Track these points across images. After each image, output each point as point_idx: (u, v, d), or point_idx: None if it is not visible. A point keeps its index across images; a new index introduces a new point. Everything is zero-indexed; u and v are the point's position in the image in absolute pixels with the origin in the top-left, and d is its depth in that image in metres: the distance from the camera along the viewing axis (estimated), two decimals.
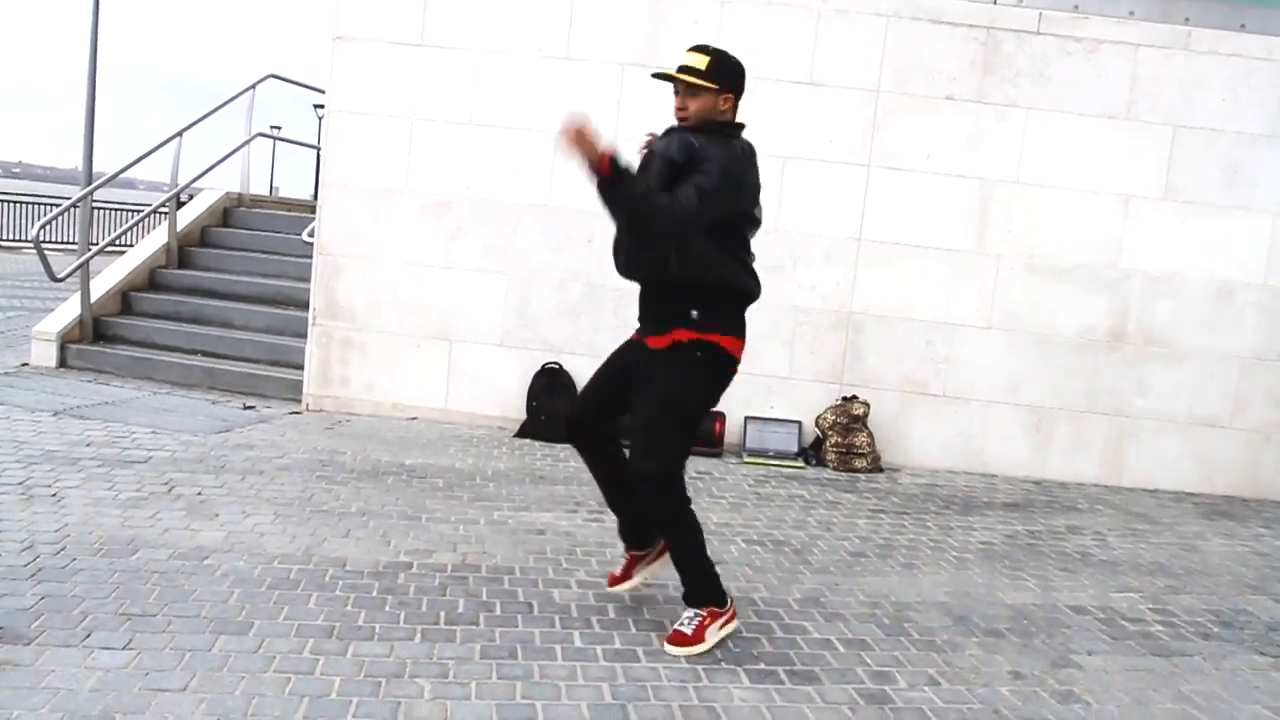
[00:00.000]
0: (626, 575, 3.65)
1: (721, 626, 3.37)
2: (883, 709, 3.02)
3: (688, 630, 3.31)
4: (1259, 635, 3.98)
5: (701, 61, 3.20)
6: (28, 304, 10.56)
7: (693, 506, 3.41)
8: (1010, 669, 3.41)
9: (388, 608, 3.44)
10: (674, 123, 3.30)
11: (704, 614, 3.34)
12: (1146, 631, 3.91)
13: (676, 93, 3.25)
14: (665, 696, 2.97)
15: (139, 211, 11.65)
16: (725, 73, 3.22)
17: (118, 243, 10.58)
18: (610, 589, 3.66)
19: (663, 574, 3.64)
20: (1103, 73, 6.28)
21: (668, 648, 3.28)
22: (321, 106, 6.82)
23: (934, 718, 3.00)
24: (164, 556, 3.72)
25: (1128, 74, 6.27)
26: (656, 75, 3.28)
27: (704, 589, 3.38)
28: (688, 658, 3.23)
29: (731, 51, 3.28)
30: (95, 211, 18.54)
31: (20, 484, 4.43)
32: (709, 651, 3.29)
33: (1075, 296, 6.40)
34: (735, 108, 3.28)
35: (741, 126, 3.31)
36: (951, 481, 6.24)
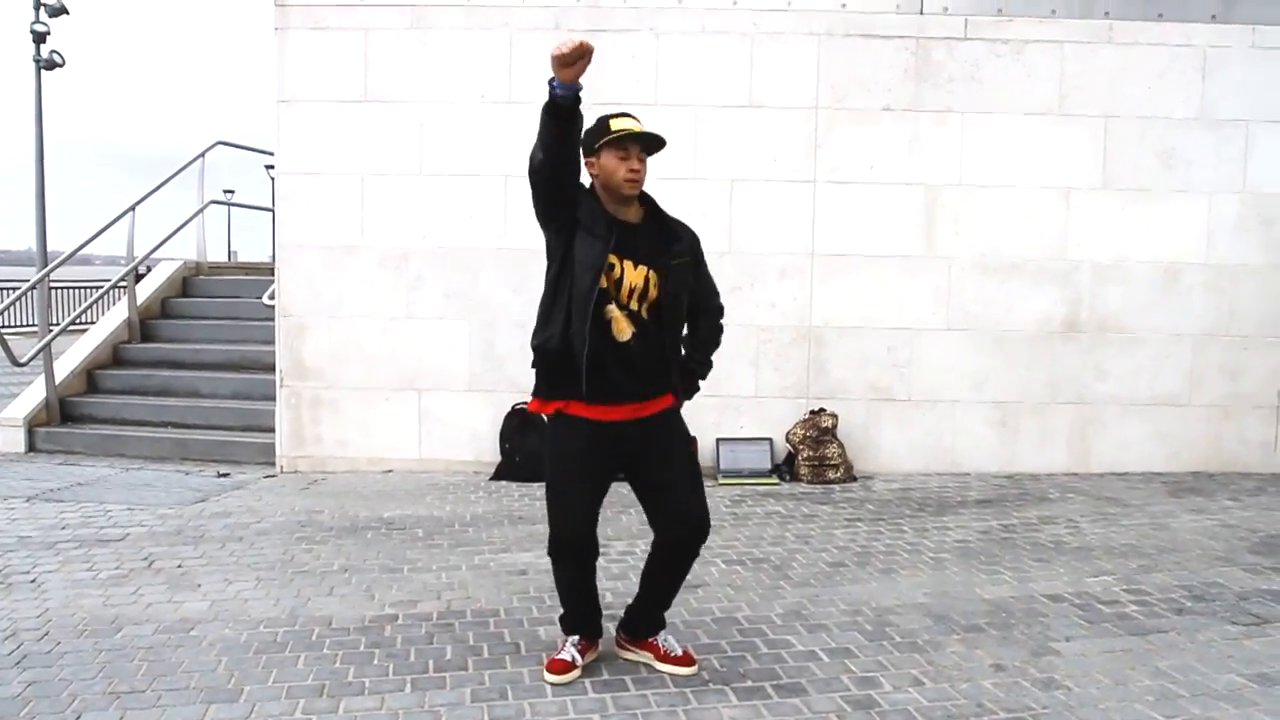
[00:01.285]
0: (576, 665, 3.38)
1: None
2: (869, 714, 3.09)
3: (683, 650, 3.43)
4: (1230, 605, 4.09)
5: (641, 127, 3.18)
6: None
7: None
8: (992, 662, 3.49)
9: (376, 661, 3.48)
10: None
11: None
12: (1122, 613, 4.00)
13: (625, 157, 3.15)
14: None
15: (97, 287, 11.63)
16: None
17: (78, 321, 10.52)
18: (556, 678, 3.32)
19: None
20: (1032, 72, 6.46)
21: (680, 669, 3.36)
22: (273, 167, 6.87)
23: (920, 718, 3.07)
24: (149, 632, 3.73)
25: (1056, 71, 6.46)
26: (640, 135, 3.16)
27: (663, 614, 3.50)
28: (674, 679, 3.29)
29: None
30: (53, 291, 18.42)
31: None
32: (696, 674, 3.35)
33: (1027, 291, 6.55)
34: None
35: None
36: (925, 484, 6.34)
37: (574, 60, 2.96)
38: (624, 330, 3.14)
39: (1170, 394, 6.62)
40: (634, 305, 3.17)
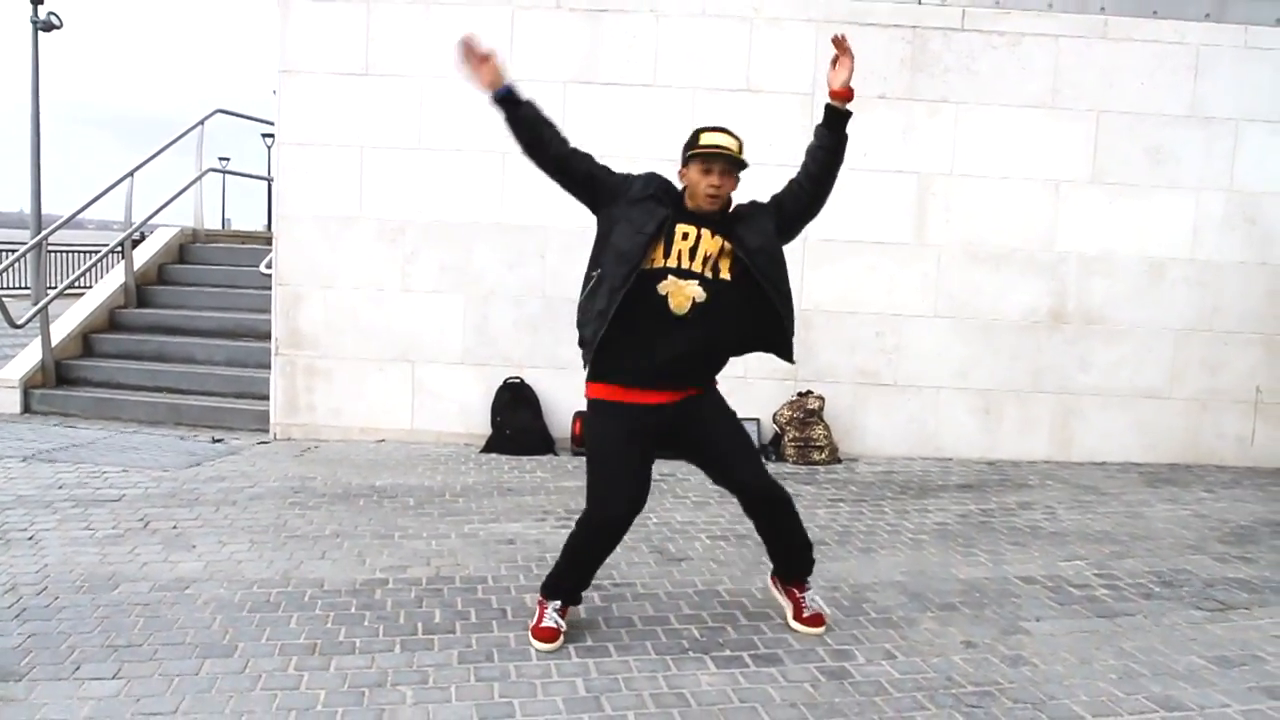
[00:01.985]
0: (562, 630, 3.46)
1: None
2: (842, 684, 3.21)
3: (820, 611, 3.66)
4: (1197, 592, 4.21)
5: (735, 145, 3.31)
6: None
7: (656, 509, 3.59)
8: (963, 639, 3.61)
9: (366, 622, 3.58)
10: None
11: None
12: (1092, 596, 4.13)
13: (708, 171, 3.28)
14: (636, 686, 3.14)
15: (92, 252, 11.65)
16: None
17: (74, 285, 10.59)
18: (545, 645, 3.39)
19: (631, 574, 3.80)
20: (1027, 64, 6.54)
21: (808, 629, 3.59)
22: (270, 136, 6.93)
23: (891, 689, 3.19)
24: (145, 589, 3.83)
25: (1050, 64, 6.54)
26: (715, 148, 3.30)
27: (809, 558, 3.67)
28: (655, 646, 3.41)
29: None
30: (48, 255, 18.41)
31: None
32: (676, 641, 3.47)
33: (1015, 281, 6.65)
34: None
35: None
36: (908, 468, 6.46)
37: (475, 63, 3.27)
38: (683, 304, 3.24)
39: (1151, 386, 6.74)
40: (707, 273, 3.28)
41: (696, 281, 3.26)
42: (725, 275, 3.31)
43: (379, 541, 4.54)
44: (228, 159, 26.99)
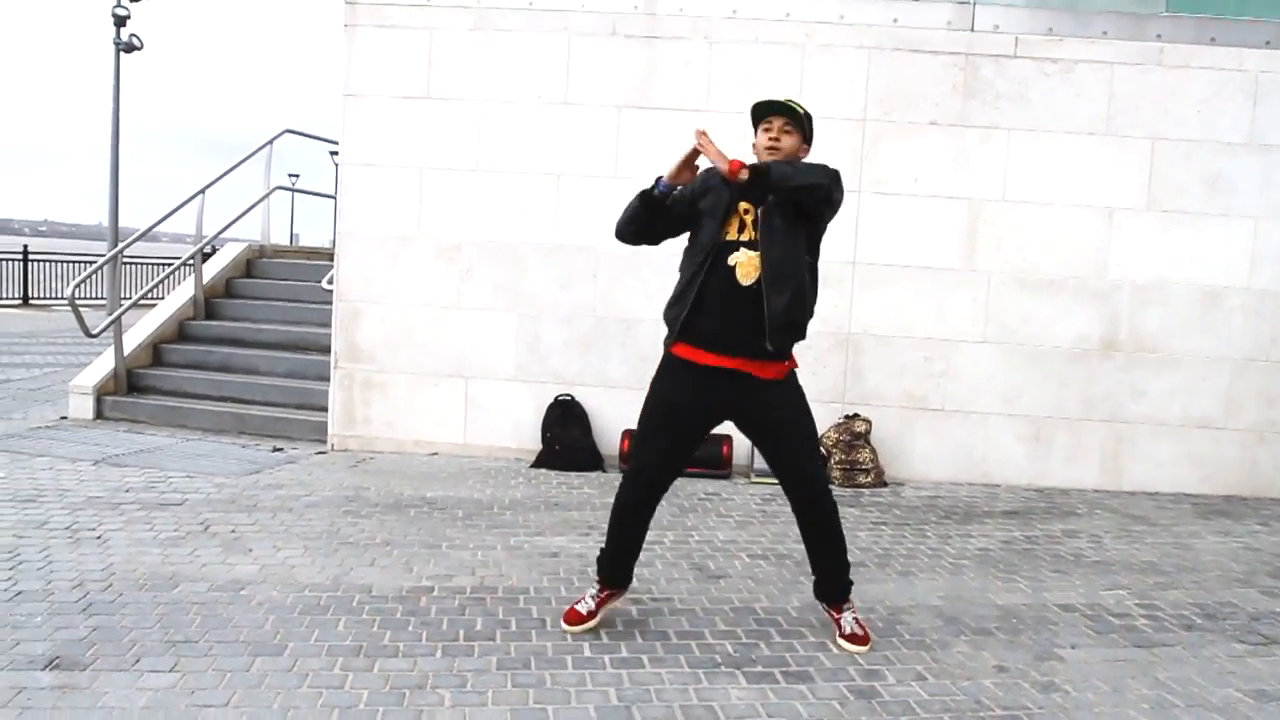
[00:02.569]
0: (594, 615, 3.76)
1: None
2: (870, 703, 3.26)
3: (861, 630, 3.74)
4: (1241, 625, 4.18)
5: (800, 107, 3.62)
6: (62, 359, 10.99)
7: (700, 528, 3.72)
8: (995, 663, 3.64)
9: (411, 628, 3.72)
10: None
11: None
12: (1131, 625, 4.12)
13: (768, 129, 3.58)
14: (667, 698, 3.23)
15: (164, 265, 12.07)
16: (811, 126, 3.69)
17: (147, 297, 10.99)
18: (573, 627, 3.72)
19: (669, 589, 3.90)
20: (1080, 91, 6.54)
21: (850, 645, 3.68)
22: (337, 153, 7.18)
23: (919, 710, 3.23)
24: (203, 589, 4.02)
25: (1105, 91, 6.53)
26: (764, 104, 3.61)
27: (847, 578, 3.81)
28: (689, 659, 3.49)
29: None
30: (123, 266, 19.08)
31: (67, 528, 4.75)
32: (709, 656, 3.55)
33: (1066, 308, 6.63)
34: None
35: None
36: (954, 493, 6.46)
37: (688, 163, 3.48)
38: (750, 274, 3.46)
39: (1205, 416, 6.66)
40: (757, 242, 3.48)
41: (747, 247, 3.49)
42: (773, 220, 3.50)
43: (427, 551, 4.69)
44: (297, 176, 27.72)
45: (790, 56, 6.62)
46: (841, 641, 3.70)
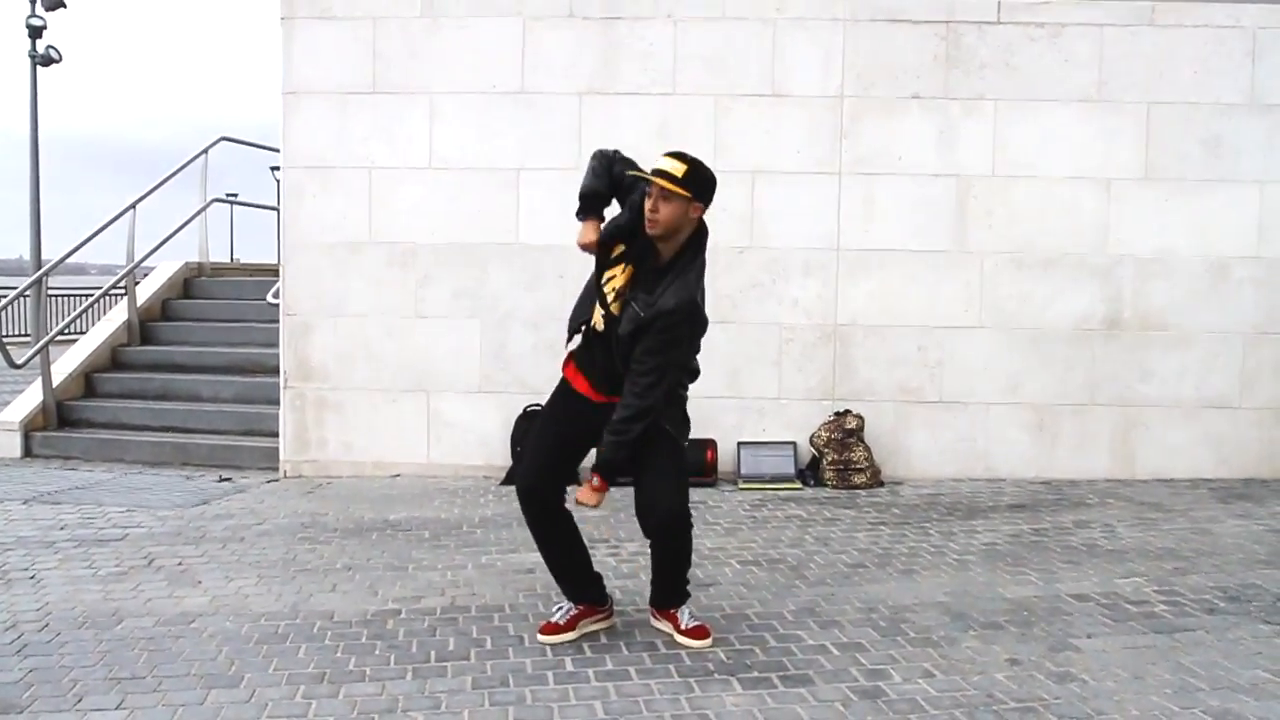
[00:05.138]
0: (570, 626, 3.82)
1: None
2: (875, 702, 3.28)
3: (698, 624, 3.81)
4: (1266, 606, 4.23)
5: (679, 170, 3.48)
6: None
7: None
8: (1007, 657, 3.67)
9: (377, 651, 3.71)
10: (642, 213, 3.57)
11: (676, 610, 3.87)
12: (1150, 612, 4.16)
13: (648, 195, 3.50)
14: (657, 709, 3.23)
15: (94, 296, 11.96)
16: (699, 184, 3.52)
17: (76, 326, 10.91)
18: (547, 638, 3.79)
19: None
20: (1069, 56, 6.64)
21: (694, 641, 3.75)
22: (278, 168, 7.17)
23: (928, 706, 3.25)
24: (149, 624, 3.98)
25: (1095, 55, 6.63)
26: (633, 173, 3.63)
27: (683, 589, 3.88)
28: (679, 669, 3.50)
29: (707, 163, 3.62)
30: (49, 299, 18.92)
31: None
32: (701, 663, 3.56)
33: (1065, 287, 6.71)
34: (701, 217, 3.61)
35: (705, 229, 3.66)
36: (956, 489, 6.50)
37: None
38: (597, 321, 3.68)
39: (1220, 396, 6.75)
40: (611, 307, 3.62)
41: (603, 311, 3.63)
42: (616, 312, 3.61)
43: (392, 573, 4.68)
44: (235, 195, 27.61)
45: (761, 32, 6.68)
46: (684, 639, 3.76)
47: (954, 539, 5.30)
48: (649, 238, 3.56)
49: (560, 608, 3.88)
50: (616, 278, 3.62)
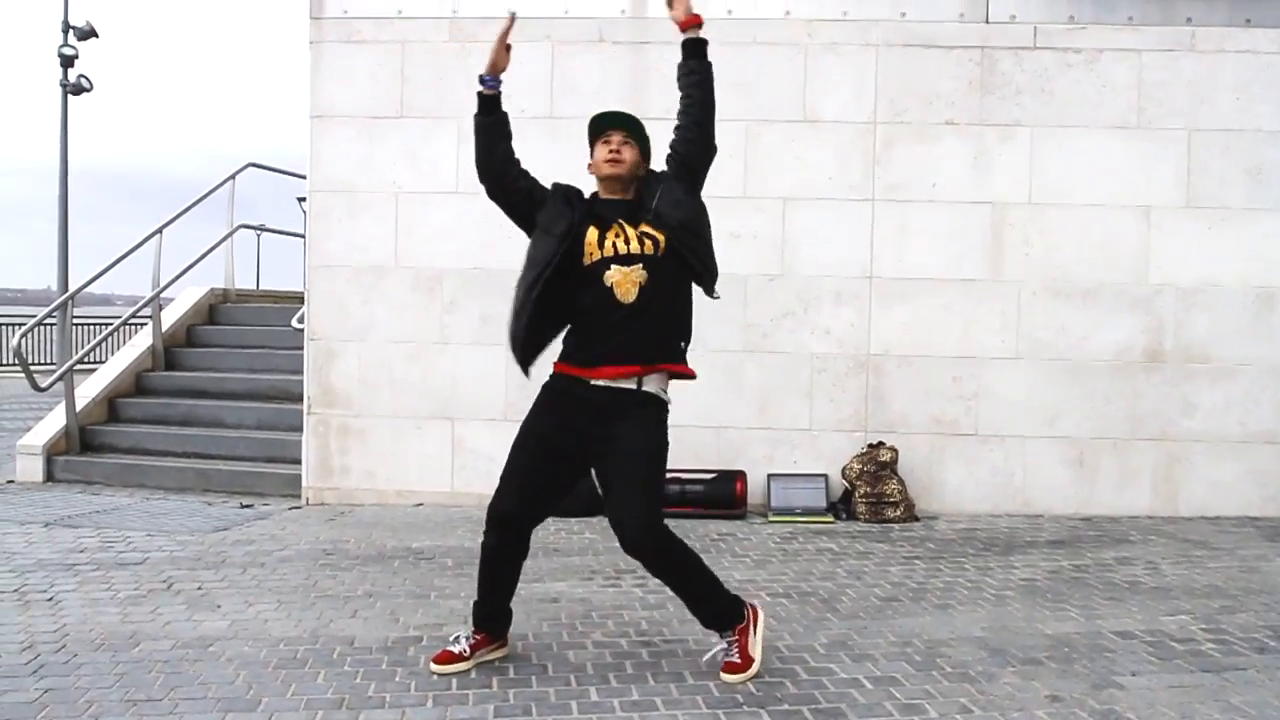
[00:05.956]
0: (464, 656, 3.76)
1: (755, 633, 3.72)
2: None
3: (737, 658, 3.65)
4: None
5: (630, 118, 3.75)
6: (8, 423, 10.98)
7: (714, 568, 3.77)
8: (1048, 694, 3.58)
9: (398, 678, 3.67)
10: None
11: (736, 636, 3.68)
12: (1196, 650, 4.06)
13: (607, 142, 3.69)
14: None
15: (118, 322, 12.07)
16: (648, 144, 3.79)
17: (101, 352, 11.03)
18: (443, 667, 3.72)
19: (682, 630, 3.85)
20: (1107, 82, 6.61)
21: (727, 678, 3.62)
22: (304, 199, 7.25)
23: None
24: (167, 647, 3.97)
25: (1133, 81, 6.60)
26: (602, 115, 3.81)
27: (727, 612, 3.72)
28: (707, 700, 3.44)
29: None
30: (74, 328, 19.15)
31: (15, 591, 4.71)
32: (730, 695, 3.50)
33: (1104, 317, 6.63)
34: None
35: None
36: (993, 524, 6.41)
37: (501, 44, 3.83)
38: (629, 291, 3.57)
39: (1267, 430, 6.63)
40: (647, 251, 3.60)
41: (640, 265, 3.57)
42: (657, 251, 3.61)
43: (414, 601, 4.64)
44: (262, 226, 27.92)
45: (792, 57, 6.69)
46: (723, 674, 3.66)
47: (991, 574, 5.21)
48: (600, 199, 3.71)
49: (459, 636, 3.81)
50: (628, 232, 3.62)
